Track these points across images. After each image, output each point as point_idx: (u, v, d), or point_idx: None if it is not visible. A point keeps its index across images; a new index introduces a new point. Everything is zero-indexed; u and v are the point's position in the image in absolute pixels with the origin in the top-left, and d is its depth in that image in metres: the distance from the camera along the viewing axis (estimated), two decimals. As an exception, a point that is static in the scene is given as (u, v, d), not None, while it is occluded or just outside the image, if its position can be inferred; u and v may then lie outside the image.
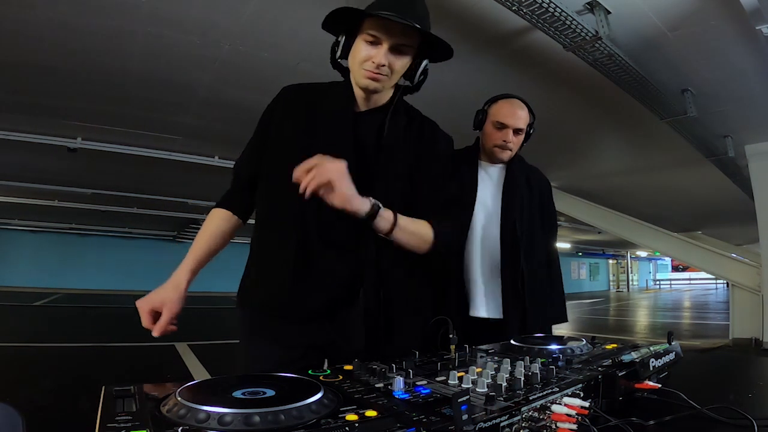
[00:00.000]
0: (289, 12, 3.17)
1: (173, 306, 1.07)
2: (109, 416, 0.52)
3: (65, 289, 15.57)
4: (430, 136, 1.17)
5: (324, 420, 0.53)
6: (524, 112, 1.68)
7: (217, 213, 1.19)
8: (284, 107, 1.15)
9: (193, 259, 1.13)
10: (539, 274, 1.71)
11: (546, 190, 1.84)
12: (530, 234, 1.68)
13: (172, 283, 1.10)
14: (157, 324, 1.05)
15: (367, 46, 1.03)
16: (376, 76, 1.04)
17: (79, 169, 7.35)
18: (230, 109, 4.66)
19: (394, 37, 1.02)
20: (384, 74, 1.04)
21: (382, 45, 1.02)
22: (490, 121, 1.69)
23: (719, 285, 24.64)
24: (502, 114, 1.66)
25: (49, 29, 3.37)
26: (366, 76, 1.05)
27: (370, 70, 1.04)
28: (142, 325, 1.07)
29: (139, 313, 1.07)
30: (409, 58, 1.07)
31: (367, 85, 1.06)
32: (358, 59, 1.04)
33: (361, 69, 1.05)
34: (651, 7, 3.00)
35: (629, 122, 5.10)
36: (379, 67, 1.03)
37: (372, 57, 1.03)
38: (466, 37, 3.38)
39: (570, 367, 0.83)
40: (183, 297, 1.09)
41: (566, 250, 22.60)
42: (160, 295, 1.07)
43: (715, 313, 12.24)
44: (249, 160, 1.18)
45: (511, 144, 1.66)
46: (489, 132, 1.69)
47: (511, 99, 1.71)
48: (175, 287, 1.09)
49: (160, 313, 1.06)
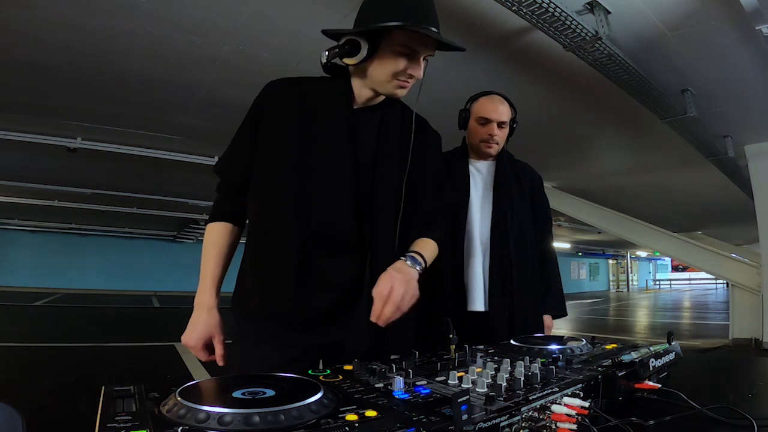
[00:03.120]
0: (289, 12, 3.17)
1: (219, 333, 1.09)
2: (108, 416, 0.52)
3: (65, 289, 15.57)
4: (423, 132, 1.17)
5: (324, 420, 0.53)
6: (505, 107, 1.73)
7: (216, 228, 1.14)
8: (274, 104, 1.10)
9: (210, 280, 1.12)
10: (530, 267, 1.72)
11: (537, 185, 1.86)
12: (521, 227, 1.71)
13: (205, 310, 1.09)
14: (217, 356, 1.09)
15: (401, 58, 1.02)
16: (407, 85, 1.06)
17: (79, 169, 7.35)
18: (230, 109, 4.64)
19: (429, 48, 1.03)
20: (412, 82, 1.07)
21: (418, 57, 1.03)
22: (473, 119, 1.73)
23: (719, 285, 24.63)
24: (484, 110, 1.71)
25: (49, 29, 3.36)
26: (399, 86, 1.06)
27: (404, 80, 1.05)
28: (202, 361, 1.10)
29: (193, 352, 1.08)
30: None
31: (397, 94, 1.08)
32: (392, 70, 1.03)
33: (395, 80, 1.04)
34: (651, 7, 3.00)
35: (629, 122, 5.10)
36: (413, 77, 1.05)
37: (410, 70, 1.03)
38: (466, 37, 3.38)
39: (570, 367, 0.83)
40: (220, 320, 1.10)
41: (566, 250, 22.60)
42: (202, 328, 1.08)
43: (715, 313, 12.24)
44: (238, 160, 1.12)
45: (496, 137, 1.70)
46: (474, 129, 1.73)
47: (491, 95, 1.75)
48: (210, 314, 1.09)
49: (211, 344, 1.09)
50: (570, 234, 16.59)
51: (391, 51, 1.02)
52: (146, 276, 17.43)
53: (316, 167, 1.05)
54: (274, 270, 1.05)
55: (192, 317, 1.09)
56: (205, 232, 1.16)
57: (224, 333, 1.10)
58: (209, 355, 1.09)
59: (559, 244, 20.72)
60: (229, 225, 1.15)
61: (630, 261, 30.24)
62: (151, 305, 13.22)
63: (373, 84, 1.07)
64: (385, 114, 1.12)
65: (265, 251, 1.07)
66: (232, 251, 1.16)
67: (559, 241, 20.00)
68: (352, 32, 1.02)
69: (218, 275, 1.13)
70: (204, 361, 1.10)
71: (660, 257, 31.99)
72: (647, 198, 9.16)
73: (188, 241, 16.98)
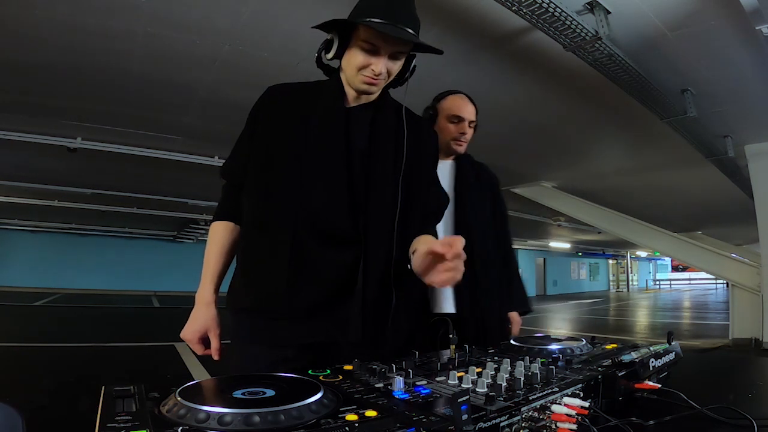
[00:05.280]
0: (289, 12, 3.17)
1: (215, 327, 1.12)
2: (108, 416, 0.52)
3: (65, 289, 15.58)
4: (417, 130, 1.17)
5: (324, 420, 0.53)
6: (473, 107, 1.75)
7: (220, 227, 1.17)
8: (272, 106, 1.13)
9: (211, 277, 1.15)
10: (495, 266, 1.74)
11: (495, 185, 1.88)
12: (482, 225, 1.72)
13: (203, 305, 1.13)
14: (212, 349, 1.11)
15: (364, 53, 1.03)
16: (374, 81, 1.05)
17: (79, 169, 7.34)
18: (230, 109, 4.65)
19: (392, 45, 1.02)
20: (381, 79, 1.06)
21: (380, 54, 1.03)
22: (443, 117, 1.72)
23: (719, 285, 24.64)
24: (456, 107, 1.71)
25: (49, 29, 3.36)
26: (364, 81, 1.05)
27: (369, 77, 1.04)
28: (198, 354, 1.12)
29: (190, 345, 1.11)
30: (404, 59, 1.08)
31: (365, 90, 1.07)
32: (356, 65, 1.04)
33: (359, 75, 1.05)
34: (651, 7, 3.00)
35: (629, 122, 5.10)
36: (377, 74, 1.04)
37: (371, 65, 1.03)
38: (466, 37, 3.38)
39: (570, 367, 0.83)
40: (217, 315, 1.13)
41: (566, 250, 22.62)
42: (199, 322, 1.11)
43: (715, 313, 12.24)
44: (239, 162, 1.15)
45: (467, 135, 1.71)
46: (444, 127, 1.72)
47: (460, 93, 1.76)
48: (208, 308, 1.12)
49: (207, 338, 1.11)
50: (570, 234, 16.60)
51: (356, 46, 1.04)
52: (146, 276, 17.43)
53: (310, 163, 1.06)
54: (268, 264, 1.06)
55: (192, 312, 1.13)
56: (209, 231, 1.20)
57: (220, 327, 1.12)
58: (205, 349, 1.12)
59: (559, 244, 20.75)
60: (230, 224, 1.17)
61: (630, 261, 30.25)
62: (151, 305, 13.22)
63: (347, 79, 1.09)
64: (378, 112, 1.13)
65: (258, 246, 1.09)
66: (234, 249, 1.18)
67: (559, 241, 20.01)
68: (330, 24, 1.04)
69: (218, 272, 1.16)
70: (201, 355, 1.13)
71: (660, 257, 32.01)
72: (647, 198, 9.16)
73: (188, 241, 16.99)
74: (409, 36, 1.00)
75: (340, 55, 1.07)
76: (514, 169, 7.10)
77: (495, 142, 5.68)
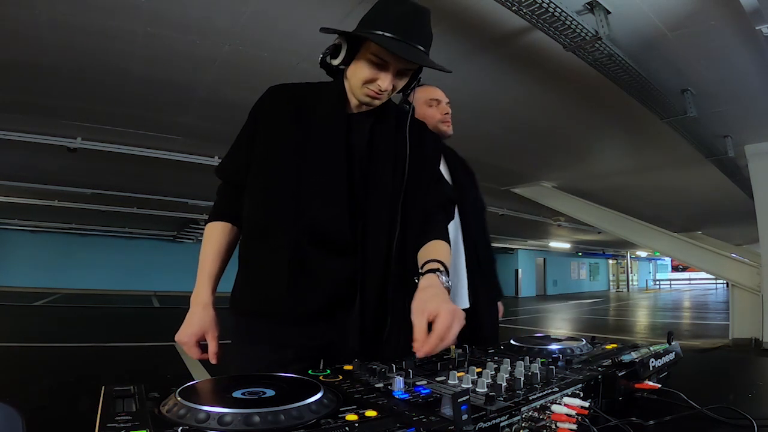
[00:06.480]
0: (289, 12, 3.17)
1: (213, 330, 1.09)
2: (108, 416, 0.52)
3: (65, 289, 15.59)
4: (419, 135, 1.16)
5: (324, 420, 0.53)
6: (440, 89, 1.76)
7: (216, 227, 1.15)
8: (272, 108, 1.11)
9: (207, 278, 1.12)
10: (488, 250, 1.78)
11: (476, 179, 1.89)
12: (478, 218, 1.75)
13: (200, 307, 1.09)
14: (210, 353, 1.08)
15: (372, 67, 1.01)
16: (378, 96, 1.04)
17: (79, 169, 7.34)
18: (230, 109, 4.65)
19: (402, 63, 1.01)
20: (386, 95, 1.05)
21: (388, 69, 1.01)
22: (421, 104, 1.68)
23: (719, 285, 24.66)
24: (429, 92, 1.71)
25: (49, 29, 3.36)
26: (368, 95, 1.04)
27: (374, 91, 1.03)
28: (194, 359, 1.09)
29: (186, 348, 1.07)
30: (411, 74, 1.07)
31: (368, 102, 1.06)
32: (362, 78, 1.02)
33: (364, 87, 1.03)
34: (651, 7, 3.00)
35: (629, 122, 5.10)
36: (383, 90, 1.02)
37: (378, 80, 1.01)
38: (466, 37, 3.38)
39: (570, 367, 0.83)
40: (215, 317, 1.10)
41: (566, 250, 22.61)
42: (196, 324, 1.08)
43: (715, 313, 12.25)
44: (237, 161, 1.13)
45: (450, 114, 1.71)
46: (426, 113, 1.68)
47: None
48: (206, 310, 1.09)
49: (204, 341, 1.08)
50: (570, 234, 16.60)
51: (365, 58, 1.01)
52: (146, 276, 17.43)
53: (310, 167, 1.05)
54: (268, 268, 1.05)
55: (187, 314, 1.10)
56: (204, 231, 1.17)
57: (219, 330, 1.10)
58: (202, 353, 1.08)
59: (559, 244, 20.75)
60: (227, 225, 1.15)
61: (630, 261, 30.25)
62: (151, 305, 13.22)
63: (351, 88, 1.07)
64: (379, 118, 1.11)
65: (259, 250, 1.08)
66: (231, 250, 1.16)
67: (559, 241, 20.01)
68: (340, 33, 1.02)
69: (215, 273, 1.13)
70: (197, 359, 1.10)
71: (660, 257, 32.01)
72: (647, 198, 9.16)
73: (188, 241, 16.99)
74: (420, 57, 0.99)
75: (347, 62, 1.05)
76: (514, 169, 7.10)
77: (495, 141, 5.69)
